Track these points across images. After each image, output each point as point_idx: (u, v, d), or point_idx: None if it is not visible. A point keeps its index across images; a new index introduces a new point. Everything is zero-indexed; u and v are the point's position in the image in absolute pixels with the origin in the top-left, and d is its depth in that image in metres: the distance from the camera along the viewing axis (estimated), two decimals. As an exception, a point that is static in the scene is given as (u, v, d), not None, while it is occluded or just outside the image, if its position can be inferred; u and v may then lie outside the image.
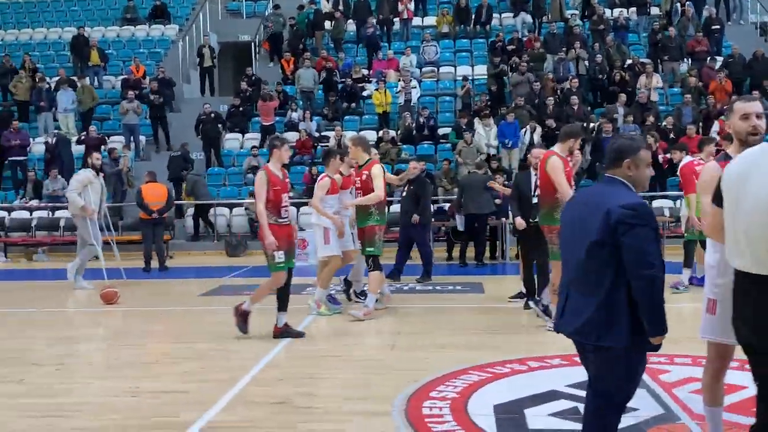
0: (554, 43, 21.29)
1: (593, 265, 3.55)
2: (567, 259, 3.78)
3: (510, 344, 7.17)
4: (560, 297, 3.82)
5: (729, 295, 3.54)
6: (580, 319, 3.60)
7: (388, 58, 22.12)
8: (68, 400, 5.64)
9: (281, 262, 7.54)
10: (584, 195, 3.89)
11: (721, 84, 18.67)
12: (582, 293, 3.61)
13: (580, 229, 3.63)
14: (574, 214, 3.77)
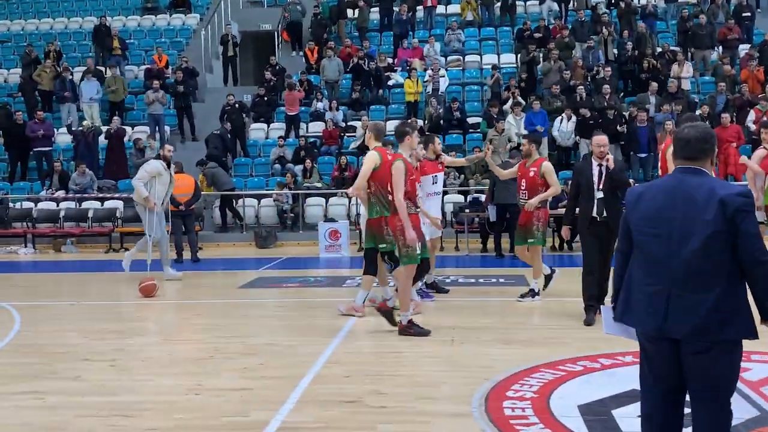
0: (582, 32, 20.95)
1: (708, 259, 3.37)
2: (661, 257, 3.47)
3: (574, 340, 6.94)
4: (652, 297, 3.49)
5: None
6: (696, 317, 3.36)
7: (414, 47, 21.84)
8: (131, 399, 5.46)
9: (419, 254, 7.31)
10: (665, 188, 3.58)
11: (753, 72, 18.32)
12: (694, 290, 3.38)
13: (684, 220, 3.43)
14: (659, 208, 3.52)
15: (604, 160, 7.50)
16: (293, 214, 17.17)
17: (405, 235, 7.11)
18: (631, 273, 3.65)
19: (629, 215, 3.66)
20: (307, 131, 19.98)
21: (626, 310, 3.62)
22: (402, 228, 7.14)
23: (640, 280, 3.58)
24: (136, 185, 11.39)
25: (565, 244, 14.54)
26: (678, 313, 3.41)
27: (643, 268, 3.56)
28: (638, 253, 3.61)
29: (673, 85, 17.57)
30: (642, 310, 3.53)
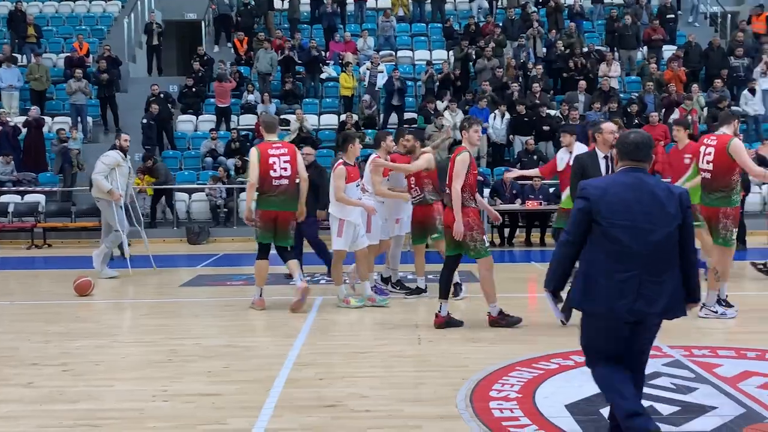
0: (513, 30, 21.18)
1: (669, 247, 3.97)
2: (631, 246, 3.93)
3: (540, 337, 6.90)
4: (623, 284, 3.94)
5: None
6: (665, 298, 3.95)
7: (346, 41, 21.63)
8: (94, 407, 5.11)
9: (486, 246, 7.38)
10: (628, 185, 4.03)
11: (676, 73, 18.85)
12: (660, 275, 3.95)
13: (653, 214, 3.96)
14: (628, 203, 3.97)
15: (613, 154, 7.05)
16: (226, 210, 16.73)
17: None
18: (593, 262, 4.02)
19: (599, 208, 3.99)
20: (239, 124, 19.53)
21: (586, 297, 4.00)
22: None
23: (607, 268, 3.96)
24: (96, 179, 10.82)
25: (506, 241, 14.65)
26: (649, 295, 3.93)
27: (612, 257, 3.96)
28: (605, 243, 3.97)
29: (605, 84, 17.90)
30: (611, 295, 3.94)
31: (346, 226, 8.24)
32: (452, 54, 20.35)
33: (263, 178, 8.24)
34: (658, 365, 5.88)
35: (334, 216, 8.36)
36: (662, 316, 4.02)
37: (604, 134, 7.45)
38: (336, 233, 8.32)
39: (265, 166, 8.25)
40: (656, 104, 17.98)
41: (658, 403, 4.98)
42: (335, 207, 8.31)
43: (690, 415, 4.75)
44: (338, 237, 8.31)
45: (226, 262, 13.17)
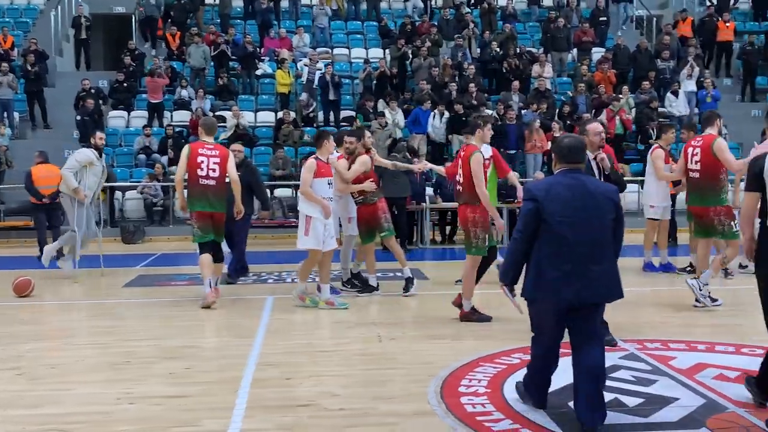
0: (448, 30, 21.40)
1: (605, 239, 4.48)
2: (574, 240, 4.39)
3: (498, 332, 7.02)
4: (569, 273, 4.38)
5: None
6: (605, 285, 4.45)
7: (281, 37, 21.47)
8: (58, 411, 4.96)
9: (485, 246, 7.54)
10: (568, 185, 4.50)
11: (606, 75, 19.38)
12: (600, 265, 4.42)
13: (590, 211, 4.43)
14: (568, 201, 4.43)
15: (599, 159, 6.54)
16: (162, 208, 16.40)
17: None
18: (540, 256, 4.47)
19: (545, 207, 4.44)
20: (172, 120, 19.16)
21: (537, 286, 4.47)
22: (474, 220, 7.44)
23: (553, 260, 4.41)
24: (65, 175, 10.43)
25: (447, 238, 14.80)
26: (591, 283, 4.40)
27: (557, 250, 4.41)
28: (551, 238, 4.44)
29: (542, 85, 18.27)
30: (558, 285, 4.39)
31: (314, 223, 8.03)
32: (389, 53, 20.40)
33: (190, 175, 8.44)
34: (615, 358, 6.06)
35: (301, 212, 8.15)
36: (605, 300, 4.54)
37: (590, 136, 6.62)
38: (303, 231, 8.08)
39: (192, 163, 8.43)
40: (587, 105, 18.43)
41: (623, 395, 5.14)
42: (303, 204, 8.14)
43: (654, 406, 4.91)
44: (305, 236, 8.06)
45: (165, 261, 12.92)
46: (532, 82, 19.55)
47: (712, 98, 18.61)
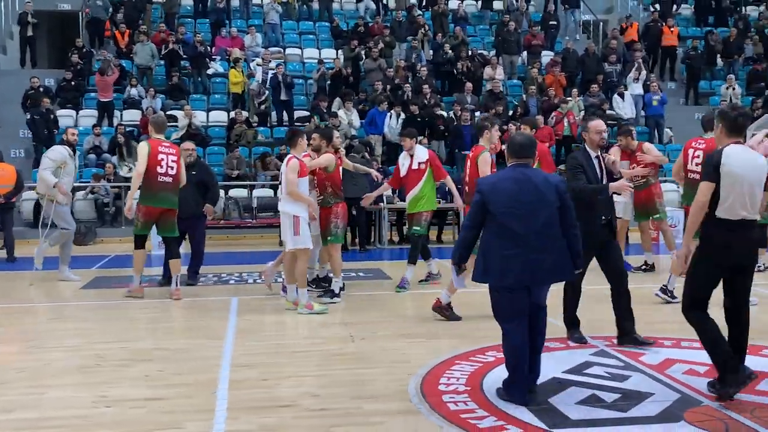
0: (400, 31, 21.49)
1: (551, 228, 4.90)
2: (518, 230, 4.86)
3: (469, 331, 7.07)
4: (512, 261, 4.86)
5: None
6: (546, 268, 4.89)
7: (232, 36, 21.28)
8: (33, 416, 4.85)
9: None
10: (513, 178, 4.99)
11: (557, 78, 19.72)
12: (543, 252, 4.86)
13: (533, 201, 4.89)
14: (513, 193, 4.90)
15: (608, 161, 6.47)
16: (114, 209, 16.09)
17: None
18: (489, 244, 4.98)
19: (489, 200, 4.93)
20: (122, 119, 18.82)
21: (486, 271, 4.95)
22: None
23: (499, 248, 4.90)
24: (42, 175, 10.08)
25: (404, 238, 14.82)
26: (532, 267, 4.85)
27: (502, 238, 4.90)
28: (497, 228, 4.93)
29: (496, 87, 18.47)
30: (502, 269, 4.88)
31: (302, 222, 7.91)
32: (342, 53, 20.39)
33: (150, 173, 8.64)
34: (586, 355, 6.19)
35: (287, 213, 7.93)
36: (547, 282, 5.06)
37: (590, 134, 6.40)
38: (293, 232, 7.88)
39: (153, 161, 8.67)
40: (538, 107, 18.71)
41: (599, 391, 5.24)
42: (290, 204, 7.91)
43: (632, 401, 5.02)
44: (296, 236, 7.88)
45: (120, 263, 12.64)
46: (484, 84, 19.77)
47: (658, 102, 19.07)
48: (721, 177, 4.85)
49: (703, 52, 21.60)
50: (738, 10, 24.62)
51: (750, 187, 4.88)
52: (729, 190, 4.83)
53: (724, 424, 4.58)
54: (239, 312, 8.13)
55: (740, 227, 4.87)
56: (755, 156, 5.03)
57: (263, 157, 17.24)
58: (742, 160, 4.89)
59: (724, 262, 4.93)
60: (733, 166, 4.85)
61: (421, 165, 9.29)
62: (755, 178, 4.92)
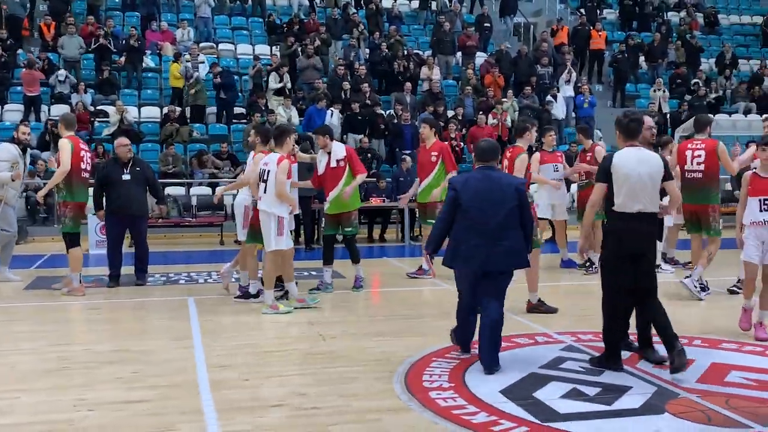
0: (336, 29, 21.46)
1: (510, 221, 5.71)
2: (482, 223, 5.67)
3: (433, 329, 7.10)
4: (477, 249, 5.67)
5: None
6: (504, 256, 5.69)
7: (162, 30, 20.83)
8: (12, 421, 4.66)
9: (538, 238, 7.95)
10: (480, 179, 5.82)
11: (496, 79, 20.05)
12: (502, 242, 5.66)
13: (496, 199, 5.71)
14: (479, 191, 5.73)
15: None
16: (46, 207, 15.51)
17: None
18: (457, 234, 5.77)
19: (460, 196, 5.74)
20: (50, 114, 18.18)
21: (454, 257, 5.79)
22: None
23: (466, 237, 5.71)
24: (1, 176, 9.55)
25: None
26: (494, 256, 5.67)
27: (469, 230, 5.71)
28: (465, 220, 5.73)
29: (435, 86, 18.64)
30: (467, 256, 5.71)
31: (286, 223, 7.83)
32: (278, 50, 20.22)
33: (74, 169, 8.87)
34: (556, 350, 6.34)
35: (271, 213, 7.79)
36: (507, 269, 5.80)
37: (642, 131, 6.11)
38: (276, 232, 7.77)
39: (76, 158, 8.90)
40: (474, 107, 18.99)
41: (580, 385, 5.38)
42: (276, 205, 7.77)
43: (614, 394, 5.18)
44: (279, 236, 7.78)
45: (58, 262, 12.22)
46: (421, 84, 19.93)
47: (589, 104, 19.61)
48: (613, 177, 5.55)
49: (629, 55, 22.28)
50: (660, 15, 25.52)
51: (642, 184, 5.50)
52: (620, 188, 5.52)
53: (705, 415, 4.77)
54: (199, 313, 7.98)
55: (634, 219, 5.50)
56: (649, 156, 5.65)
57: (200, 154, 16.95)
58: (634, 161, 5.55)
59: (620, 250, 5.57)
60: (624, 167, 5.52)
61: (340, 162, 8.99)
62: (646, 176, 5.52)
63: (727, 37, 25.82)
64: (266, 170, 7.80)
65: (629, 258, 5.54)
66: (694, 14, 25.72)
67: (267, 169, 7.79)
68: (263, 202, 7.81)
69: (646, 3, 25.45)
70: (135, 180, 9.57)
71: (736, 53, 23.86)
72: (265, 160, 7.90)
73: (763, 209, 6.57)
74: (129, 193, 9.54)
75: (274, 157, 7.83)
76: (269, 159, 7.87)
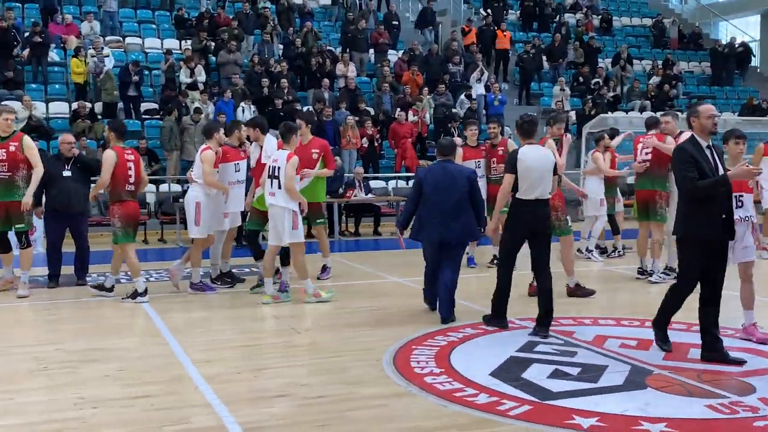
0: (248, 24, 21.29)
1: (462, 203, 7.14)
2: (439, 204, 7.14)
3: (406, 318, 7.36)
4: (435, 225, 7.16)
5: None
6: (458, 230, 7.17)
7: (67, 24, 20.11)
8: (21, 422, 4.57)
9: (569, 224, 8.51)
10: (439, 170, 7.31)
11: (414, 77, 20.41)
12: (455, 219, 7.10)
13: (449, 187, 7.14)
14: (438, 179, 7.19)
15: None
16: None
17: None
18: (421, 214, 7.27)
19: (423, 184, 7.27)
20: (-50, 110, 17.22)
21: (418, 232, 7.32)
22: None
23: (426, 216, 7.22)
24: None
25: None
26: (449, 229, 7.12)
27: (429, 209, 7.19)
28: (428, 203, 7.20)
29: (351, 83, 18.80)
30: (428, 230, 7.22)
31: (298, 217, 8.00)
32: (191, 44, 19.89)
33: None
34: (525, 335, 6.67)
35: (286, 208, 7.92)
36: (460, 240, 7.30)
37: (701, 119, 5.84)
38: (291, 226, 7.93)
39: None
40: (392, 104, 19.29)
41: (561, 366, 5.72)
42: (288, 200, 7.92)
43: (595, 373, 5.55)
44: (294, 230, 7.96)
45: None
46: (336, 81, 20.05)
47: (499, 101, 20.25)
48: (518, 170, 6.64)
49: (534, 56, 23.11)
50: (559, 17, 26.58)
51: (540, 175, 6.64)
52: (524, 179, 6.63)
53: (685, 388, 5.20)
54: (157, 311, 7.88)
55: (533, 204, 6.62)
56: (542, 152, 6.84)
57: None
58: (533, 156, 6.71)
59: (520, 230, 6.71)
60: (526, 161, 6.66)
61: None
62: (544, 169, 6.68)
63: (620, 38, 27.19)
64: (276, 167, 7.92)
65: (529, 235, 6.67)
66: (591, 16, 26.92)
67: (277, 166, 7.91)
68: (276, 198, 7.95)
69: (546, 4, 26.46)
70: (75, 177, 9.32)
71: (630, 53, 25.15)
72: (275, 156, 8.04)
73: (737, 206, 6.16)
74: (69, 190, 9.28)
75: (283, 154, 7.97)
76: (279, 156, 7.99)
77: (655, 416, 4.62)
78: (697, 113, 5.84)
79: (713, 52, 26.05)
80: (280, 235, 7.99)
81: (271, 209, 8.03)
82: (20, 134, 8.90)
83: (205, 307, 8.09)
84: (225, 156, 8.86)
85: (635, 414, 4.66)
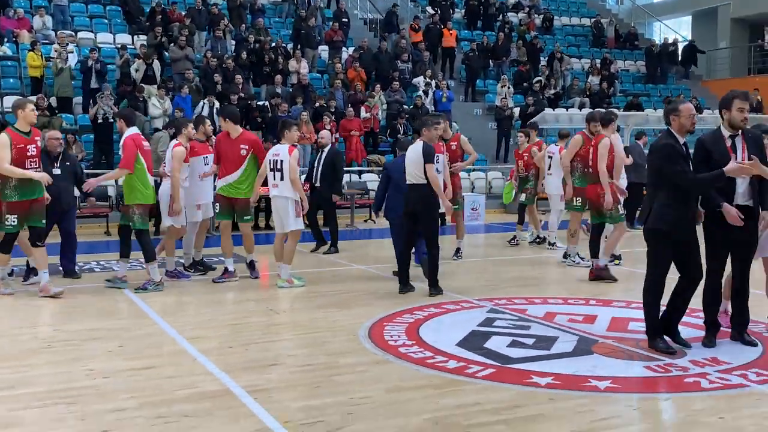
0: (200, 19, 21.61)
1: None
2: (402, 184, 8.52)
3: (372, 299, 8.02)
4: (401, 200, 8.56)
5: None
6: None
7: (19, 18, 20.17)
8: (41, 390, 5.08)
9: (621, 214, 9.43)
10: (401, 162, 8.74)
11: (358, 73, 21.05)
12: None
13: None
14: (400, 167, 8.65)
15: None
16: None
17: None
18: (389, 195, 9.11)
19: (390, 171, 9.27)
20: None
21: (388, 209, 9.20)
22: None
23: (395, 194, 8.89)
24: None
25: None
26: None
27: (397, 189, 8.80)
28: (393, 186, 8.96)
29: (304, 79, 19.33)
30: (397, 206, 8.70)
31: (300, 206, 8.69)
32: (146, 40, 20.15)
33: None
34: (484, 313, 7.41)
35: (288, 198, 8.59)
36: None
37: (682, 118, 5.84)
38: (294, 215, 8.64)
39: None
40: (344, 101, 19.89)
41: (517, 337, 6.46)
42: (291, 190, 8.57)
43: (548, 342, 6.30)
44: (297, 217, 8.69)
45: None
46: (289, 77, 20.55)
47: (447, 98, 21.03)
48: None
49: (479, 54, 23.97)
50: (502, 16, 27.52)
51: (412, 164, 8.22)
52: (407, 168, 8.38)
53: (626, 354, 5.98)
54: (140, 297, 8.32)
55: (410, 188, 8.29)
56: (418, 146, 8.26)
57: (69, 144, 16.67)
58: (412, 149, 8.37)
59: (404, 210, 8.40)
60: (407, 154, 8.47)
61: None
62: (415, 158, 8.19)
63: (560, 37, 28.28)
64: (278, 160, 8.57)
65: (410, 215, 8.26)
66: (533, 15, 27.92)
67: (279, 159, 8.55)
68: (280, 189, 8.61)
69: (490, 4, 27.36)
70: (65, 174, 9.52)
71: (569, 52, 26.22)
72: (275, 150, 8.65)
73: None
74: (59, 189, 9.38)
75: (284, 148, 8.60)
76: (280, 150, 8.62)
77: (602, 375, 5.38)
78: (678, 112, 5.81)
79: (648, 51, 27.34)
80: (283, 224, 8.70)
81: (274, 200, 8.75)
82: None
83: (183, 293, 8.59)
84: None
85: (585, 374, 5.42)
